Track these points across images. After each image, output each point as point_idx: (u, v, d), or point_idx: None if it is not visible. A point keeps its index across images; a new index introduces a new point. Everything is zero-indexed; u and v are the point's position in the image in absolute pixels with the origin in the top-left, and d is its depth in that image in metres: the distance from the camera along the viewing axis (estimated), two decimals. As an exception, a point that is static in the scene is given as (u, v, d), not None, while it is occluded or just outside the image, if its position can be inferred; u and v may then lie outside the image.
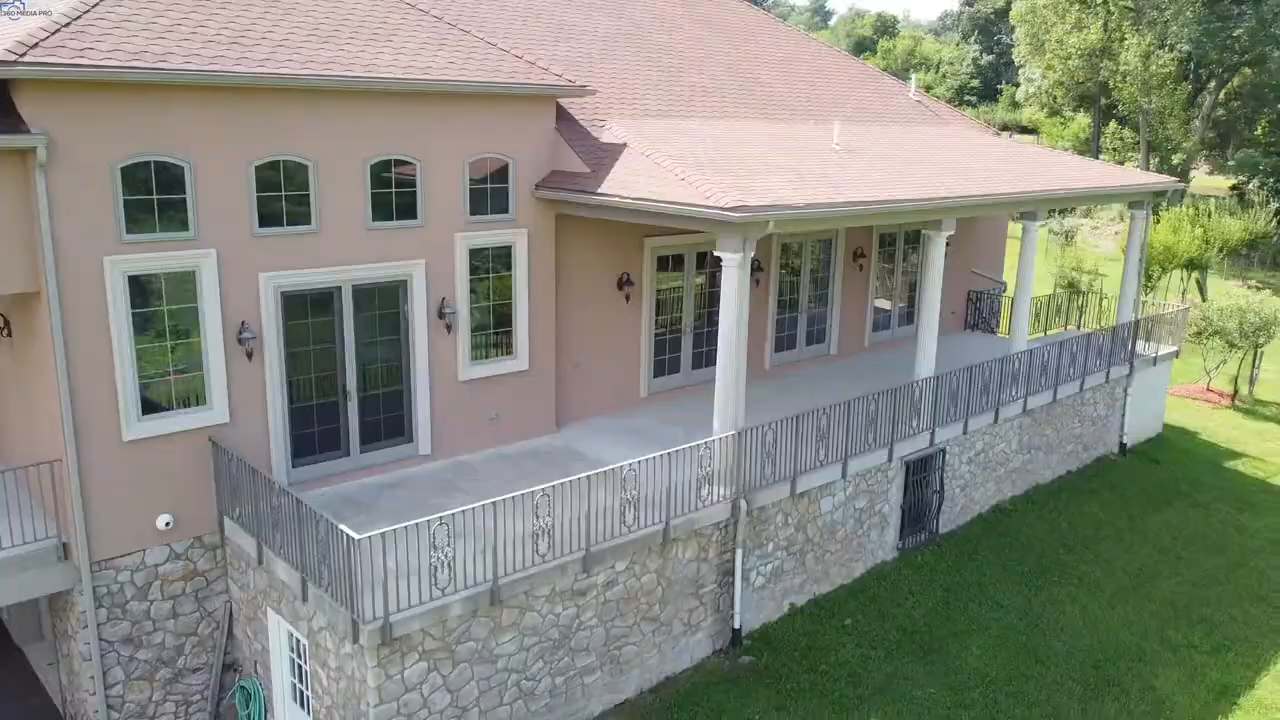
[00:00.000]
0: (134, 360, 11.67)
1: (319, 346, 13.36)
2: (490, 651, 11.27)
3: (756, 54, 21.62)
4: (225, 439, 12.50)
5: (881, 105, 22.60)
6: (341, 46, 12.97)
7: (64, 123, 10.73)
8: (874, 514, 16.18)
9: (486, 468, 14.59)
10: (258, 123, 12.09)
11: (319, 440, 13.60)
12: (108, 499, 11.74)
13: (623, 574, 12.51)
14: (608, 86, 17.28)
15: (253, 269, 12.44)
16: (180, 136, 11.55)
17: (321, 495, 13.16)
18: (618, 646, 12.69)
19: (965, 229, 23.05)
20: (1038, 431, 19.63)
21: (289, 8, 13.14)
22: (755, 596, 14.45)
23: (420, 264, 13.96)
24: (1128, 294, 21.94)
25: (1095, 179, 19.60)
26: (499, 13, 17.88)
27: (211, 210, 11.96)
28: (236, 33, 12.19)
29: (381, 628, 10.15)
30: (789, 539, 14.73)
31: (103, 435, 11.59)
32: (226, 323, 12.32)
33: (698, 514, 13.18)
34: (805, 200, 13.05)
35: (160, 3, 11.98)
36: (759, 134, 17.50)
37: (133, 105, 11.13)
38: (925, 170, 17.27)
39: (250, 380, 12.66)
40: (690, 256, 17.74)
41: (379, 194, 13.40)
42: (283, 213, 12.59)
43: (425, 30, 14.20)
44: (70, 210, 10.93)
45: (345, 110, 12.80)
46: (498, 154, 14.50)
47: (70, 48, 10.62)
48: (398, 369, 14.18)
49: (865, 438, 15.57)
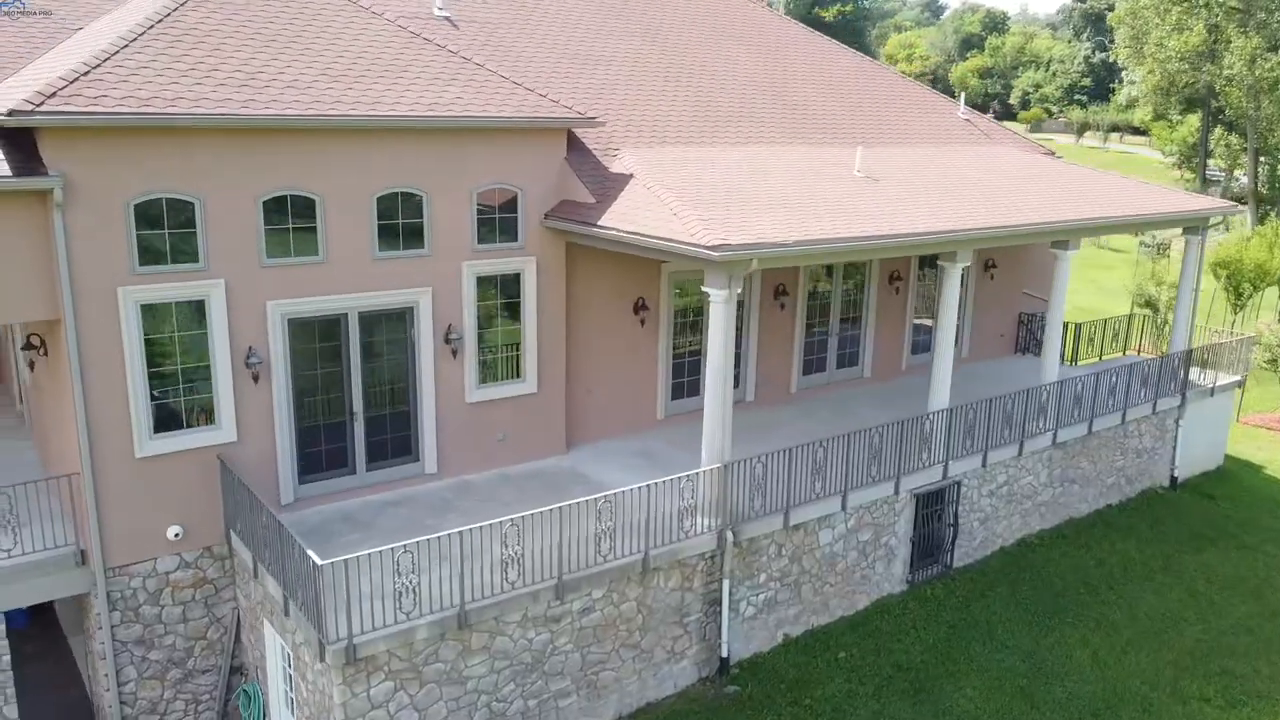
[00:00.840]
0: (146, 382, 12.52)
1: (326, 369, 14.05)
2: (459, 673, 11.73)
3: (796, 73, 21.55)
4: (234, 456, 13.29)
5: (926, 124, 22.24)
6: (351, 85, 13.59)
7: (79, 165, 11.60)
8: (879, 546, 16.07)
9: (488, 488, 15.08)
10: (265, 160, 12.80)
11: (326, 458, 14.30)
12: (121, 510, 12.64)
13: (600, 601, 12.82)
14: (630, 113, 17.57)
15: (260, 297, 13.17)
16: (190, 175, 12.34)
17: (319, 513, 13.86)
18: (595, 672, 13.01)
19: (1016, 248, 22.54)
20: (1071, 464, 19.11)
21: (305, 47, 13.83)
22: (745, 626, 14.57)
23: (427, 291, 14.51)
24: (1180, 322, 21.10)
25: (1138, 205, 18.92)
26: (530, 41, 18.32)
27: (221, 243, 12.73)
28: (249, 74, 12.92)
29: (346, 648, 10.71)
30: (783, 570, 14.79)
31: (117, 451, 12.48)
32: (235, 348, 13.09)
33: (681, 544, 13.38)
34: (793, 238, 13.09)
35: (179, 46, 12.78)
36: (779, 160, 17.51)
37: (144, 147, 11.95)
38: (950, 197, 17.01)
39: (258, 401, 13.42)
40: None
41: (385, 225, 14.00)
42: (290, 244, 13.29)
43: (438, 65, 14.74)
44: (86, 245, 11.81)
45: (351, 146, 13.42)
46: (506, 185, 14.95)
47: (86, 96, 11.47)
48: (404, 391, 14.79)
49: (868, 471, 15.48)
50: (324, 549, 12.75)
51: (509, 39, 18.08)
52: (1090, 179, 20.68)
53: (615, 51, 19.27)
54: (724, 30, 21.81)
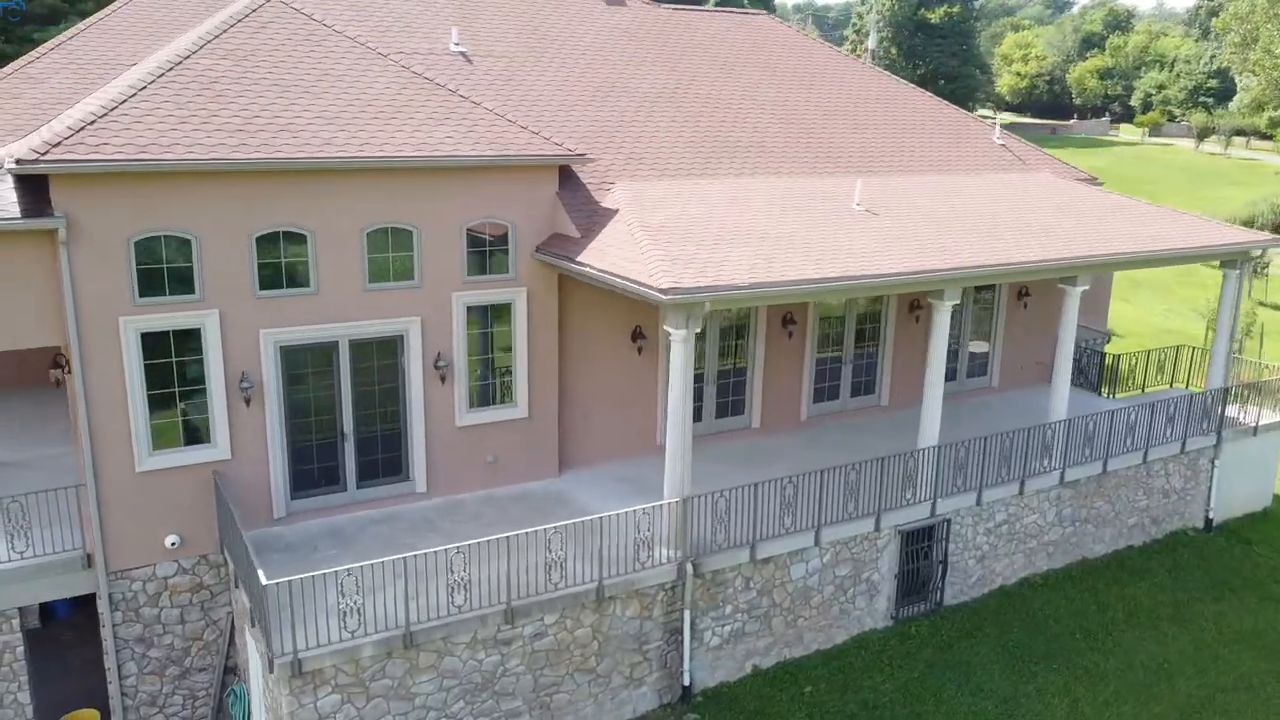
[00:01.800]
0: (145, 403, 13.64)
1: (318, 393, 14.96)
2: (407, 689, 12.43)
3: (820, 101, 21.56)
4: (228, 473, 14.32)
5: (956, 151, 21.95)
6: (344, 127, 14.44)
7: (83, 206, 12.74)
8: (860, 581, 16.11)
9: (474, 508, 15.77)
10: (258, 199, 13.76)
11: (318, 476, 15.22)
12: (122, 519, 13.79)
13: (552, 627, 13.34)
14: (635, 145, 18.00)
15: (254, 326, 14.15)
16: (186, 214, 13.37)
17: (307, 527, 14.78)
18: (548, 694, 13.54)
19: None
20: (1083, 503, 18.66)
21: (305, 90, 14.75)
22: (710, 656, 14.86)
23: (416, 320, 15.28)
24: (1218, 357, 20.29)
25: (1160, 240, 18.33)
26: (545, 75, 18.92)
27: (215, 276, 13.74)
28: (246, 119, 13.89)
29: (291, 662, 11.52)
30: (750, 602, 15.01)
31: (118, 466, 13.63)
32: (229, 373, 14.10)
33: (638, 575, 13.78)
34: (749, 280, 13.33)
35: (184, 94, 13.84)
36: (777, 192, 17.66)
37: (143, 189, 13.02)
38: (949, 231, 16.87)
39: (251, 422, 14.42)
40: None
41: (376, 258, 14.82)
42: (282, 276, 14.23)
43: (433, 105, 15.47)
44: (89, 278, 12.96)
45: (341, 186, 14.27)
46: (497, 219, 15.60)
47: (87, 144, 12.59)
48: (395, 413, 15.59)
49: (844, 507, 15.56)
50: (299, 564, 13.66)
51: (524, 73, 18.72)
52: (1119, 209, 20.08)
53: (631, 83, 19.70)
54: (749, 58, 21.96)
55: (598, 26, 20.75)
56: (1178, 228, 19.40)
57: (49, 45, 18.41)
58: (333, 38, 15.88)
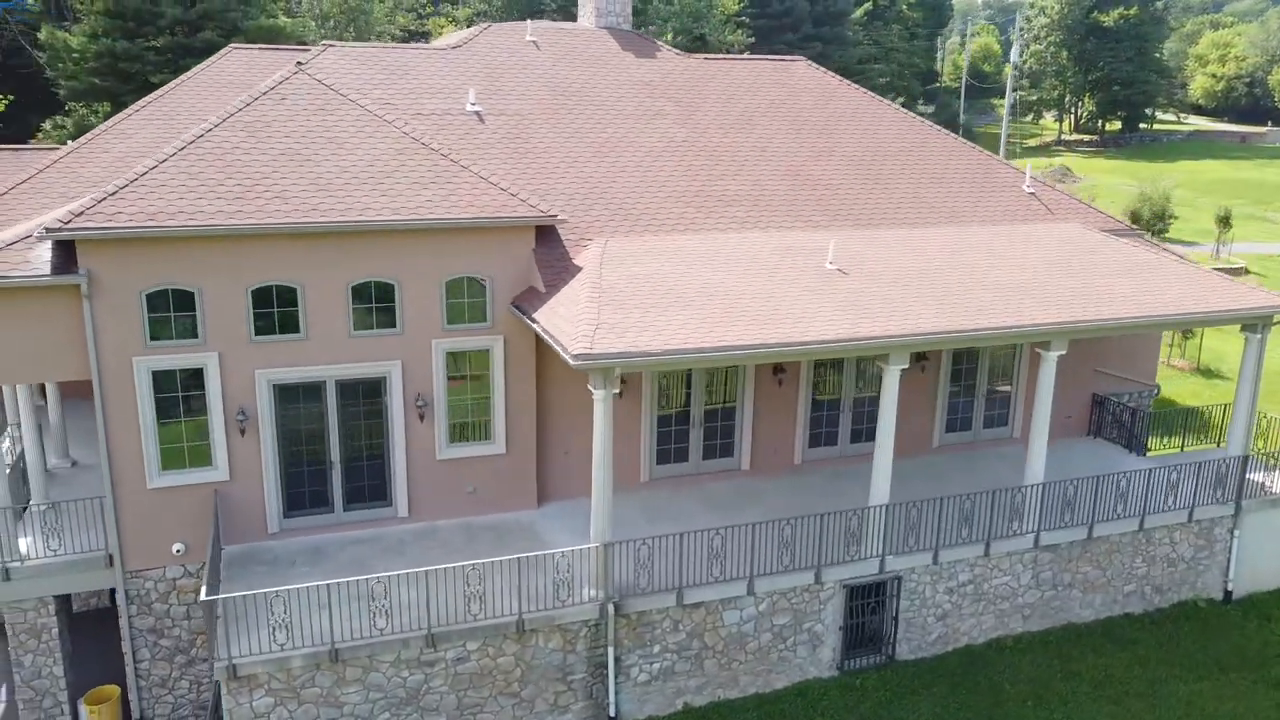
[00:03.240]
0: (155, 431, 15.96)
1: (308, 425, 16.94)
2: (335, 698, 14.16)
3: (835, 151, 21.89)
4: (228, 492, 16.51)
5: (977, 202, 21.80)
6: (334, 193, 16.31)
7: (102, 264, 15.11)
8: (801, 631, 16.69)
9: (446, 535, 17.37)
10: (251, 258, 15.81)
11: (308, 498, 17.22)
12: (136, 528, 16.18)
13: (475, 653, 14.75)
14: (624, 199, 19.12)
15: (250, 367, 16.25)
16: (190, 270, 15.57)
17: (294, 544, 16.78)
18: (472, 713, 14.98)
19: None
20: (1067, 568, 18.41)
21: (306, 159, 16.71)
22: (639, 691, 15.88)
23: (398, 364, 17.02)
24: (1238, 422, 19.40)
25: (1163, 304, 17.80)
26: (554, 131, 20.26)
27: (216, 323, 15.90)
28: (247, 187, 15.97)
29: (227, 666, 13.45)
30: (680, 644, 15.92)
31: (132, 482, 16.02)
32: (228, 406, 16.25)
33: (559, 611, 15.00)
34: (662, 348, 14.25)
35: (200, 164, 16.04)
36: (751, 250, 18.31)
37: (152, 250, 15.29)
38: (917, 294, 17.10)
39: (247, 450, 16.54)
40: (693, 358, 19.05)
41: (360, 308, 16.65)
42: (275, 324, 16.26)
43: (422, 170, 17.13)
44: (107, 324, 15.34)
45: (327, 246, 16.15)
46: (475, 274, 17.12)
47: (105, 213, 14.94)
48: (379, 446, 17.40)
49: (779, 559, 16.20)
50: (276, 578, 15.64)
51: (532, 130, 20.15)
52: (1136, 267, 19.51)
53: (639, 137, 20.76)
54: (772, 109, 22.51)
55: (619, 81, 21.91)
56: (1195, 289, 18.74)
57: (143, 102, 21.34)
58: (344, 107, 17.81)
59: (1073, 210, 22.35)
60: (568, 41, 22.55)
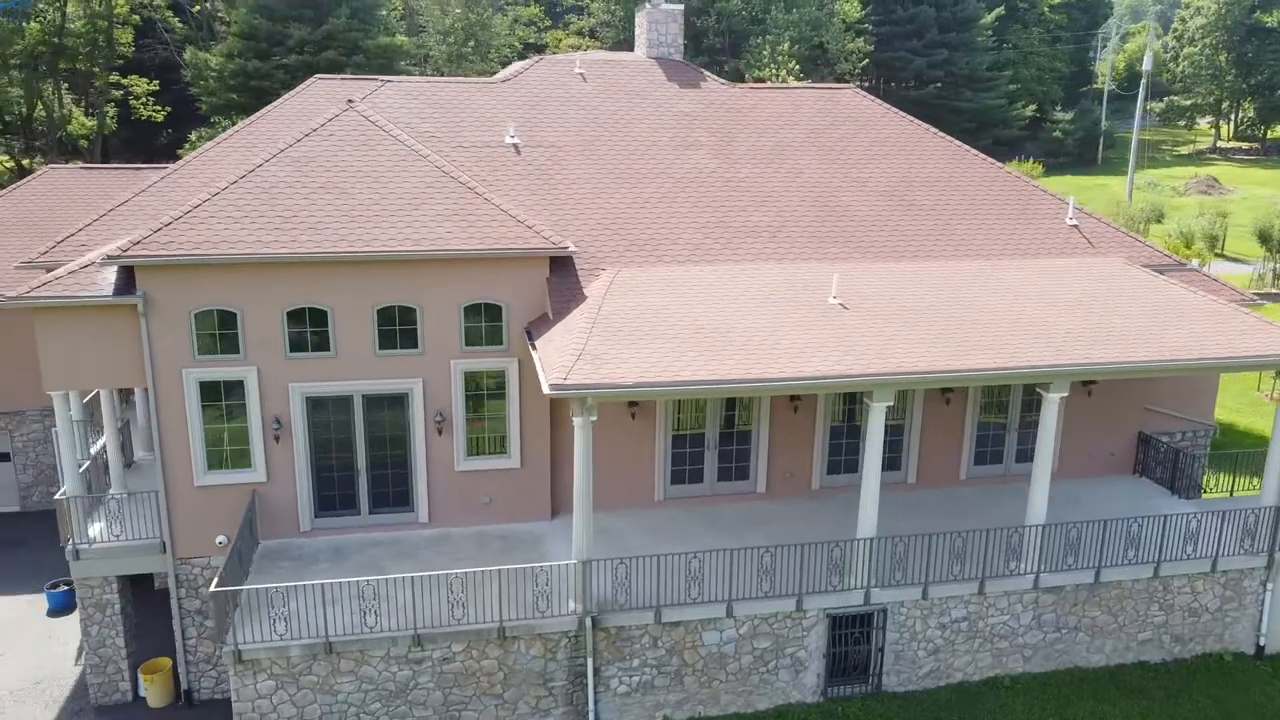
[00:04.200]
0: (202, 434, 17.88)
1: (338, 434, 18.55)
2: (331, 686, 15.64)
3: (873, 182, 22.04)
4: (265, 492, 18.31)
5: (1012, 234, 21.57)
6: (364, 224, 17.83)
7: (156, 286, 17.09)
8: (783, 656, 17.18)
9: (459, 542, 18.69)
10: (286, 283, 17.50)
11: (338, 501, 18.85)
12: (185, 520, 18.16)
13: (460, 654, 15.97)
14: (643, 231, 19.97)
15: (285, 380, 17.97)
16: (232, 293, 17.38)
17: (321, 542, 18.43)
18: (457, 710, 16.20)
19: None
20: (1073, 611, 18.18)
21: (343, 192, 18.30)
22: (618, 701, 16.76)
23: (419, 381, 18.43)
24: (1271, 473, 18.64)
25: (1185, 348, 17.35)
26: (586, 162, 21.26)
27: (255, 340, 17.68)
28: (286, 218, 17.67)
29: (233, 651, 15.10)
30: (659, 659, 16.70)
31: (182, 480, 18.00)
32: (265, 415, 18.02)
33: (539, 622, 16.04)
34: (634, 380, 15.07)
35: (246, 197, 17.85)
36: (759, 283, 18.80)
37: (200, 275, 17.17)
38: (917, 330, 17.27)
39: (282, 454, 18.29)
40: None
41: (385, 329, 18.14)
42: (308, 342, 17.92)
43: (448, 202, 18.47)
44: (160, 340, 17.32)
45: (354, 272, 17.69)
46: (491, 300, 18.36)
47: (159, 242, 16.90)
48: (402, 456, 18.87)
49: (759, 585, 16.75)
50: (300, 572, 17.30)
51: (566, 160, 21.22)
52: (1170, 306, 18.97)
53: (671, 168, 21.52)
54: (810, 138, 22.81)
55: (659, 112, 22.73)
56: (1223, 332, 18.14)
57: (232, 130, 23.56)
58: (384, 142, 19.37)
59: (1119, 243, 21.80)
60: (614, 73, 23.53)
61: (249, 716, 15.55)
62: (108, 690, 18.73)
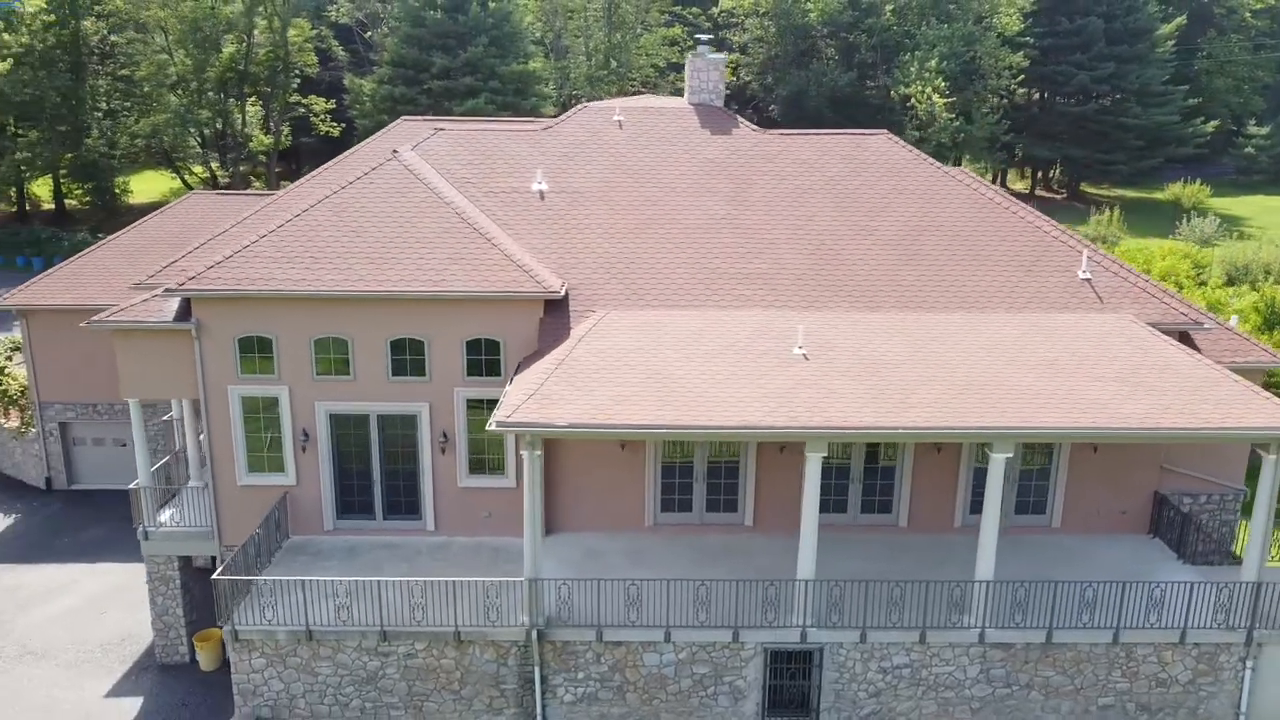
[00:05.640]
0: (244, 441, 20.90)
1: (357, 447, 21.15)
2: (312, 668, 18.16)
3: (883, 229, 22.49)
4: (295, 493, 21.16)
5: (1016, 286, 21.53)
6: (382, 265, 20.30)
7: (207, 315, 20.17)
8: (722, 683, 18.34)
9: (455, 551, 20.89)
10: (315, 315, 20.21)
11: (356, 505, 21.47)
12: (230, 512, 21.25)
13: (422, 652, 18.13)
14: (640, 275, 21.46)
15: (311, 399, 20.72)
16: (269, 322, 20.26)
17: (337, 542, 21.08)
18: (420, 700, 18.38)
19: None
20: (1023, 669, 18.34)
21: (366, 234, 20.82)
22: (565, 709, 18.44)
23: (426, 405, 20.75)
24: (1254, 547, 18.05)
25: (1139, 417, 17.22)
26: (604, 208, 22.87)
27: (287, 363, 20.50)
28: (317, 258, 20.38)
29: (231, 630, 17.88)
30: (603, 674, 18.26)
31: (228, 480, 21.09)
32: (295, 427, 20.84)
33: (490, 630, 17.97)
34: (568, 421, 16.71)
35: (289, 240, 20.65)
36: (733, 330, 19.82)
37: (241, 306, 20.13)
38: (866, 384, 17.97)
39: (309, 462, 21.06)
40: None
41: (397, 358, 20.56)
42: (331, 366, 20.59)
43: (459, 245, 20.66)
44: (210, 360, 20.42)
45: (371, 307, 20.19)
46: (491, 336, 20.44)
47: (209, 277, 19.95)
48: (413, 470, 21.25)
49: (695, 615, 17.99)
50: (312, 567, 20.00)
51: (585, 206, 22.93)
52: (1153, 369, 18.68)
53: (682, 213, 22.80)
54: (830, 184, 23.38)
55: (685, 159, 24.05)
56: (1204, 401, 17.79)
57: (323, 167, 26.79)
58: (416, 190, 21.80)
59: (1134, 299, 21.36)
60: (650, 120, 25.06)
61: (245, 686, 18.32)
62: (169, 652, 22.14)
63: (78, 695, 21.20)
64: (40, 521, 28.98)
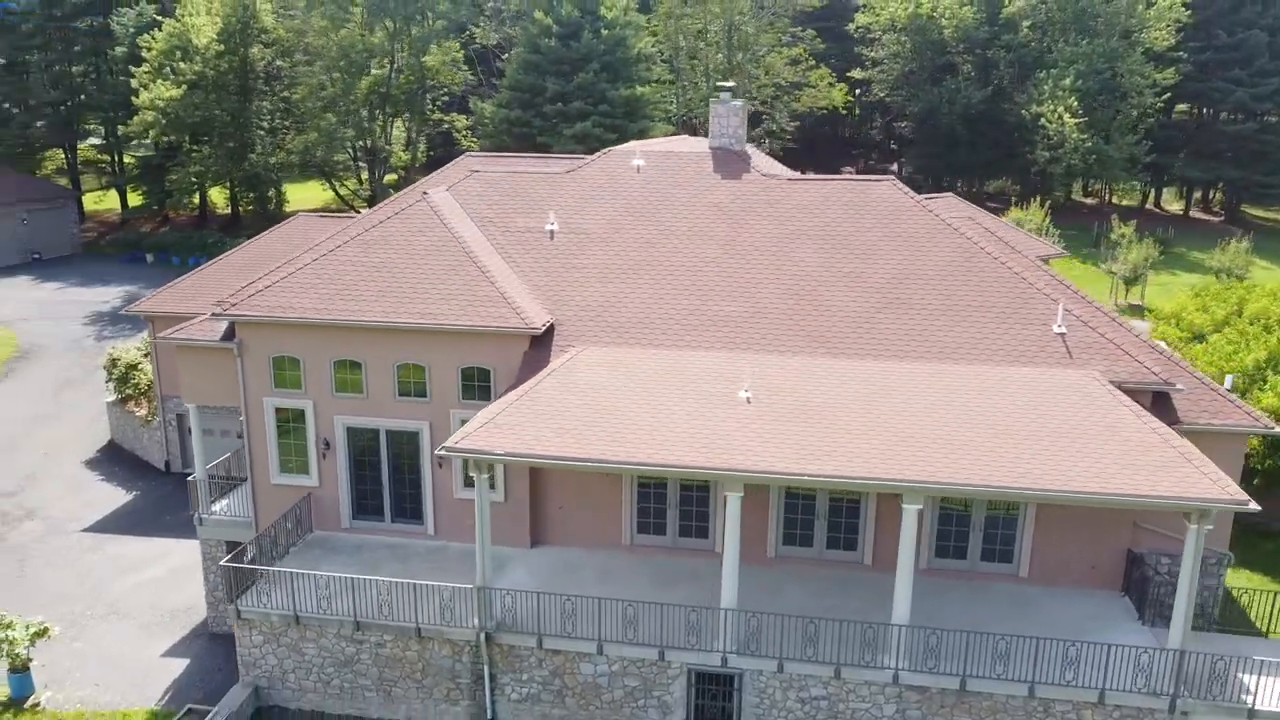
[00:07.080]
0: (277, 447, 24.10)
1: (369, 457, 23.96)
2: (300, 648, 21.01)
3: (868, 276, 23.14)
4: (317, 493, 24.21)
5: (983, 337, 21.79)
6: (392, 299, 22.97)
7: (246, 336, 23.44)
8: (650, 697, 19.93)
9: (447, 555, 23.32)
10: (333, 340, 23.12)
11: (369, 508, 24.29)
12: (265, 506, 24.51)
13: (390, 643, 20.64)
14: (620, 314, 23.17)
15: (331, 413, 23.66)
16: (295, 345, 23.33)
17: (349, 539, 23.93)
18: (389, 685, 20.90)
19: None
20: (940, 712, 18.97)
21: (386, 270, 23.54)
22: (512, 706, 20.52)
23: (427, 423, 23.31)
24: (1178, 619, 18.00)
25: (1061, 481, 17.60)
26: (605, 249, 24.70)
27: (311, 380, 23.52)
28: (339, 291, 23.26)
29: (235, 610, 20.97)
30: (545, 678, 20.22)
31: (263, 478, 24.36)
32: (317, 436, 23.85)
33: (443, 629, 20.26)
34: (505, 451, 18.76)
35: (317, 273, 23.65)
36: (691, 370, 21.21)
37: (274, 330, 23.28)
38: (796, 431, 19.07)
39: (329, 468, 24.04)
40: (662, 451, 22.60)
41: (403, 381, 23.20)
42: (348, 385, 23.47)
43: (460, 282, 23.06)
44: (250, 375, 23.69)
45: (379, 335, 22.91)
46: (483, 364, 22.76)
47: (249, 304, 23.19)
48: (416, 480, 23.86)
49: (624, 632, 19.65)
50: (321, 561, 22.94)
51: (588, 246, 24.80)
52: (1097, 431, 18.85)
53: (675, 255, 24.27)
54: (825, 229, 24.18)
55: (692, 203, 25.48)
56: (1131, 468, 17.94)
57: (395, 196, 29.92)
58: (435, 229, 24.39)
59: (1105, 355, 21.27)
60: (667, 164, 26.66)
61: (247, 658, 21.40)
62: (219, 622, 25.67)
63: (142, 652, 25.02)
64: (154, 500, 33.59)
